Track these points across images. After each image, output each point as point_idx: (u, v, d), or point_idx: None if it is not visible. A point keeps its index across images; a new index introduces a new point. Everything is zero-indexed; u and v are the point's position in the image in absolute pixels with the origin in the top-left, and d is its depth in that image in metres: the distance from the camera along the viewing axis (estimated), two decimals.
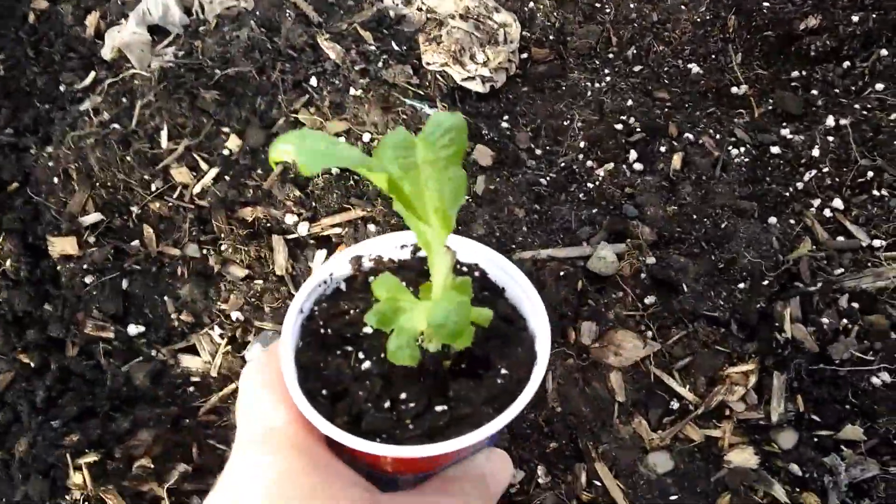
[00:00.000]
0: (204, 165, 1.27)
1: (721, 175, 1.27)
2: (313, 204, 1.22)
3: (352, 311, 0.64)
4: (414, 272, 0.67)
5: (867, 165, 1.27)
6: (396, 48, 1.46)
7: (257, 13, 1.47)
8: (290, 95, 1.33)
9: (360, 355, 0.62)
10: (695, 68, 1.42)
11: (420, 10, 1.54)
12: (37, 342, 1.11)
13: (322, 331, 0.63)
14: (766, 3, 1.43)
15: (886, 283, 1.15)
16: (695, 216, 1.22)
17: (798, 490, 1.01)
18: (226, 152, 1.28)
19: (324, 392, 0.59)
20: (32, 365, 1.08)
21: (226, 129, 1.30)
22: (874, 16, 1.38)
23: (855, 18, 1.39)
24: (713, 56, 1.42)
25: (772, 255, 1.17)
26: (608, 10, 1.53)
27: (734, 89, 1.38)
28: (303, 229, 1.20)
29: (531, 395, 0.57)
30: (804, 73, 1.39)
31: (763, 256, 1.16)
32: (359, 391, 0.59)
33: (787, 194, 1.26)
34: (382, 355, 0.60)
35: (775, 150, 1.30)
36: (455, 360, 0.63)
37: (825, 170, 1.27)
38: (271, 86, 1.34)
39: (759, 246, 1.17)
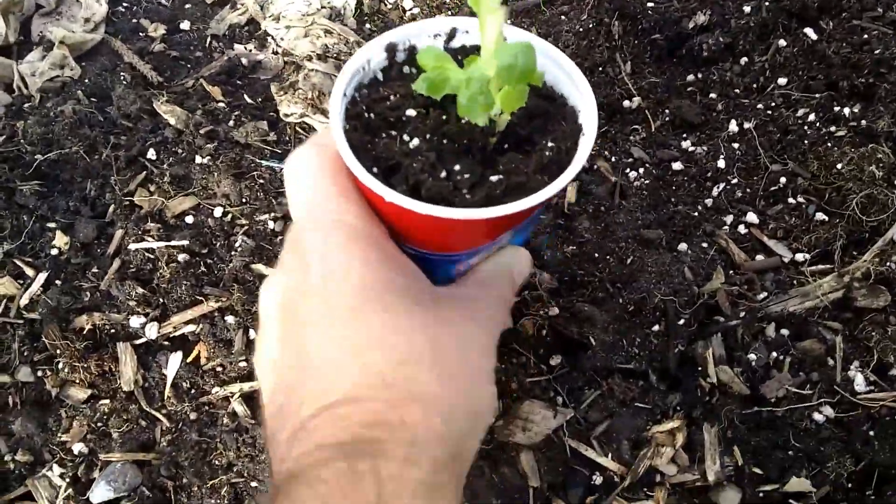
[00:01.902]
0: (30, 271, 1.13)
1: (621, 203, 1.17)
2: (160, 300, 1.10)
3: (392, 98, 0.70)
4: (457, 55, 0.72)
5: (779, 171, 1.18)
6: (250, 101, 1.34)
7: (86, 80, 1.35)
8: (125, 174, 1.21)
9: (406, 137, 0.67)
10: None
11: (276, 53, 1.42)
12: None
13: (366, 115, 0.69)
14: (650, 4, 1.34)
15: (815, 303, 1.06)
16: (596, 254, 1.11)
17: None
18: (54, 252, 1.15)
19: (375, 169, 0.62)
20: None
21: (51, 225, 1.17)
22: (766, 3, 1.30)
23: (746, 9, 1.31)
24: (600, 68, 1.33)
25: (686, 289, 1.07)
26: None
27: (626, 103, 1.28)
28: (151, 331, 1.08)
29: (582, 162, 0.64)
30: (700, 76, 1.30)
31: (676, 291, 1.06)
32: (412, 164, 0.64)
33: (696, 214, 1.16)
34: (429, 135, 0.67)
35: (677, 166, 1.21)
36: (500, 139, 0.68)
37: (734, 181, 1.19)
38: (102, 165, 1.21)
39: (670, 280, 1.08)
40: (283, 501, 0.52)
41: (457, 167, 0.66)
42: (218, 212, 1.17)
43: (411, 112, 0.70)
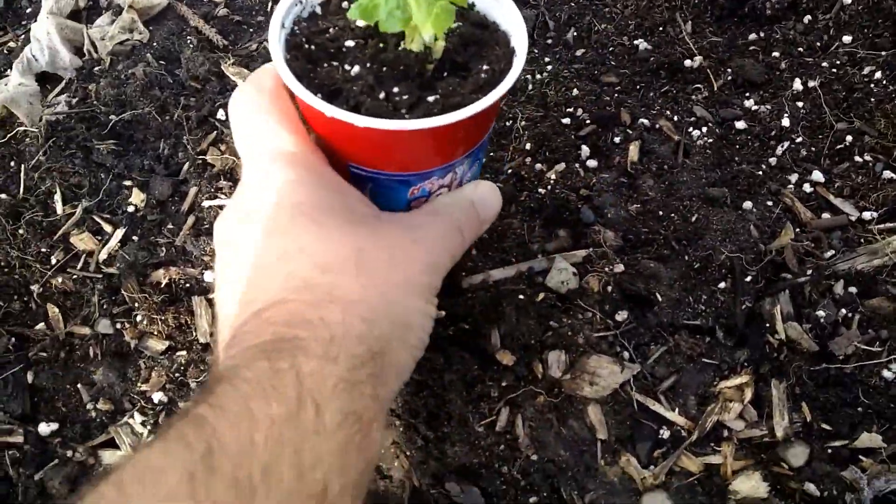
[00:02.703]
0: (108, 228, 1.13)
1: (684, 161, 1.14)
2: None
3: (331, 30, 0.73)
4: None
5: (844, 129, 1.14)
6: None
7: (154, 44, 1.33)
8: (196, 134, 1.19)
9: (346, 66, 0.70)
10: (642, 44, 1.28)
11: None
12: None
13: (306, 46, 0.71)
14: None
15: (884, 261, 1.02)
16: (661, 212, 1.08)
17: None
18: (130, 209, 1.14)
19: (318, 95, 0.65)
20: None
21: (127, 183, 1.16)
22: None
23: None
24: (661, 28, 1.29)
25: (752, 246, 1.04)
26: None
27: (688, 62, 1.24)
28: None
29: (515, 77, 0.67)
30: (762, 34, 1.25)
31: (742, 249, 1.03)
32: (353, 87, 0.66)
33: (760, 173, 1.12)
34: (369, 64, 0.69)
35: (741, 125, 1.17)
36: (437, 66, 0.71)
37: (799, 140, 1.14)
38: (174, 125, 1.20)
39: (736, 237, 1.05)
40: (207, 399, 0.52)
41: (395, 90, 0.69)
42: None
43: (350, 43, 0.72)
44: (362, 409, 0.56)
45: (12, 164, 1.19)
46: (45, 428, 1.00)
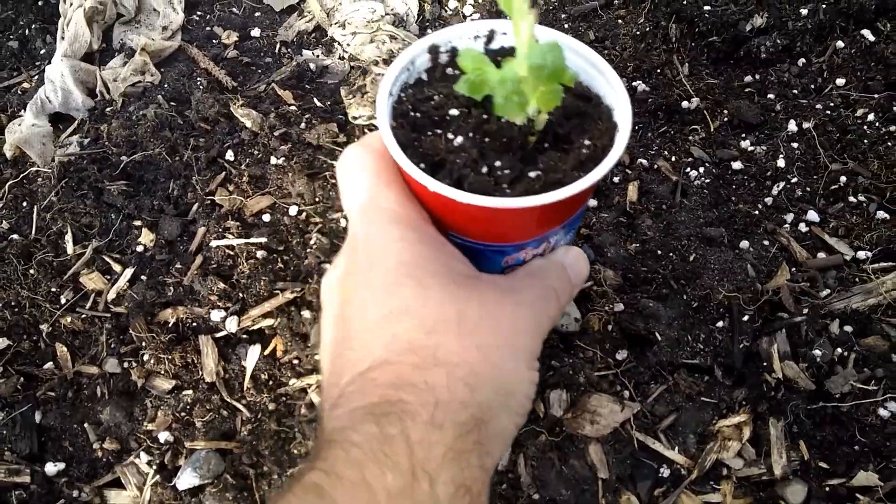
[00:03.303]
0: (117, 267, 1.13)
1: (682, 201, 1.14)
2: (240, 295, 1.09)
3: (436, 97, 0.71)
4: (496, 56, 0.74)
5: (838, 170, 1.14)
6: (319, 104, 1.32)
7: (165, 85, 1.34)
8: (205, 175, 1.20)
9: (450, 135, 0.68)
10: (641, 86, 1.29)
11: (342, 58, 1.41)
12: None
13: (412, 113, 0.70)
14: (706, 7, 1.30)
15: (879, 300, 1.02)
16: (659, 252, 1.08)
17: None
18: (139, 249, 1.14)
19: (421, 165, 0.64)
20: None
21: (137, 223, 1.16)
22: (824, 6, 1.26)
23: (804, 11, 1.27)
24: (658, 70, 1.29)
25: (749, 285, 1.04)
26: None
27: (685, 104, 1.25)
28: (231, 325, 1.07)
29: (618, 156, 0.64)
30: (758, 76, 1.26)
31: (740, 288, 1.03)
32: (456, 160, 0.65)
33: (757, 212, 1.13)
34: (471, 134, 0.68)
35: (737, 165, 1.17)
36: (539, 138, 0.69)
37: (794, 180, 1.15)
38: (184, 166, 1.21)
39: (733, 276, 1.04)
40: (319, 465, 0.52)
41: (497, 163, 0.67)
42: (293, 210, 1.16)
43: (454, 111, 0.71)
44: (471, 480, 0.55)
45: (24, 204, 1.20)
46: (51, 468, 1.00)
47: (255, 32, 1.49)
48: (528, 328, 0.65)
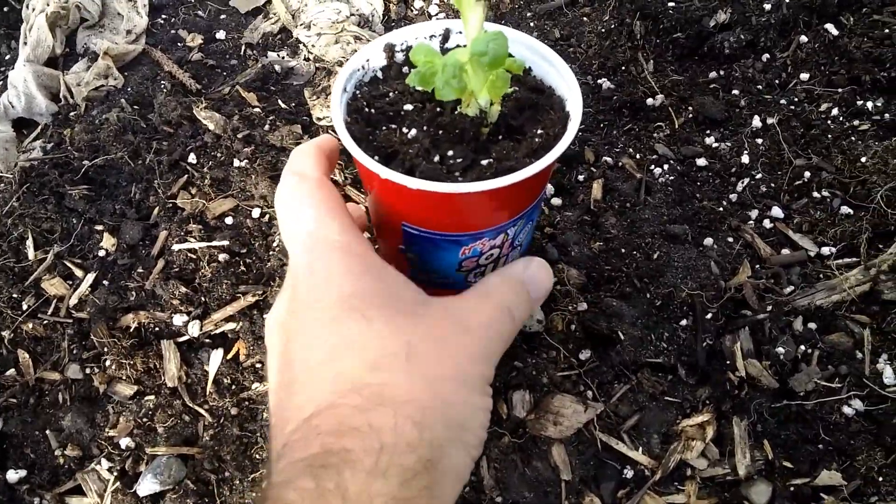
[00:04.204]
0: (79, 272, 1.10)
1: (646, 199, 1.12)
2: (202, 299, 1.06)
3: (391, 94, 0.74)
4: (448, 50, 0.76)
5: (803, 166, 1.12)
6: (284, 106, 1.30)
7: (129, 89, 1.31)
8: (167, 178, 1.17)
9: (404, 129, 0.71)
10: (606, 83, 1.26)
11: (307, 60, 1.38)
12: None
13: (366, 109, 0.73)
14: (670, 3, 1.28)
15: (842, 296, 1.00)
16: (623, 250, 1.06)
17: None
18: (101, 253, 1.12)
19: (375, 157, 0.65)
20: None
21: (99, 227, 1.14)
22: (787, 1, 1.24)
23: (767, 6, 1.24)
24: (623, 67, 1.27)
25: (712, 283, 1.02)
26: None
27: (650, 101, 1.23)
28: (194, 329, 1.04)
29: (569, 141, 0.66)
30: (722, 73, 1.24)
31: (703, 286, 1.01)
32: (409, 150, 0.67)
33: (721, 209, 1.11)
34: (425, 127, 0.69)
35: (701, 161, 1.15)
36: (493, 130, 0.71)
37: (758, 176, 1.13)
38: (146, 170, 1.18)
39: (696, 274, 1.02)
40: None
41: (450, 153, 0.68)
42: (256, 213, 1.13)
43: (408, 106, 0.73)
44: None
45: None
46: (13, 475, 0.97)
47: (221, 35, 1.46)
48: (480, 353, 0.62)
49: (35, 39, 1.33)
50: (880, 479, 0.89)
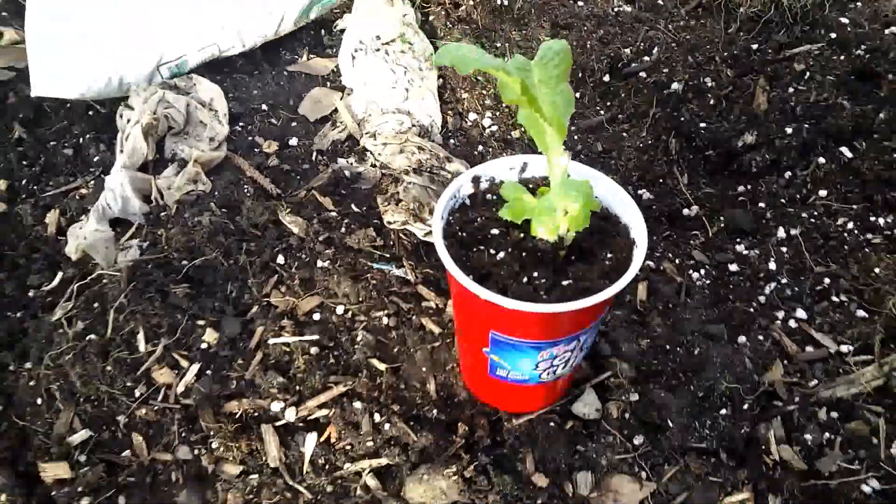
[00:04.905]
0: (184, 363, 1.32)
1: (686, 301, 1.35)
2: (297, 387, 1.28)
3: (478, 220, 0.94)
4: (528, 186, 0.97)
5: (822, 272, 1.36)
6: (356, 209, 1.54)
7: (216, 194, 1.55)
8: (260, 277, 1.40)
9: (492, 251, 0.90)
10: (646, 194, 1.52)
11: (374, 166, 1.63)
12: None
13: (459, 234, 0.92)
14: (702, 124, 1.54)
15: (860, 389, 1.23)
16: (668, 347, 1.29)
17: None
18: (204, 346, 1.34)
19: (470, 276, 0.83)
20: None
21: (201, 322, 1.36)
22: (807, 126, 1.50)
23: (789, 130, 1.51)
24: (661, 180, 1.52)
25: (747, 377, 1.24)
26: None
27: (685, 211, 1.48)
28: (290, 415, 1.26)
29: (636, 269, 0.85)
30: (749, 187, 1.49)
31: (739, 380, 1.24)
32: (500, 272, 0.85)
33: (752, 310, 1.34)
34: (510, 250, 0.88)
35: (733, 267, 1.39)
36: (567, 253, 0.89)
37: (784, 281, 1.37)
38: (239, 270, 1.41)
39: (733, 369, 1.25)
40: None
41: (535, 274, 0.89)
42: (340, 310, 1.36)
43: (495, 231, 0.95)
44: None
45: (96, 304, 1.39)
46: None
47: (293, 142, 1.71)
48: None
49: (131, 148, 1.58)
50: None
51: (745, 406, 1.22)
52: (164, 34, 1.72)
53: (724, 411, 1.22)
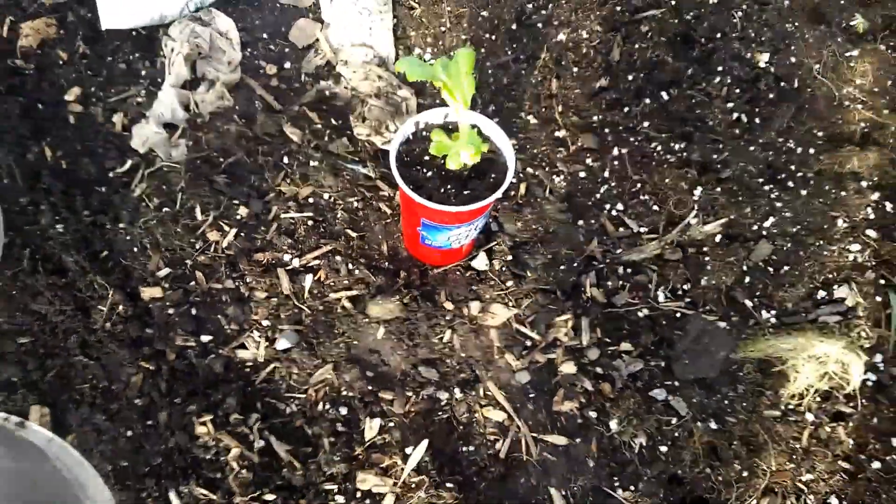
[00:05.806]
0: (227, 227, 2.05)
1: (548, 196, 2.11)
2: (300, 246, 2.03)
3: (416, 150, 1.63)
4: (449, 129, 1.60)
5: (637, 180, 2.12)
6: (335, 123, 2.24)
7: (237, 108, 2.24)
8: (273, 172, 2.12)
9: (424, 170, 1.60)
10: (532, 119, 2.25)
11: (346, 88, 2.32)
12: (149, 354, 1.91)
13: (405, 158, 1.61)
14: (574, 69, 2.25)
15: (646, 255, 2.03)
16: (533, 226, 2.06)
17: (599, 381, 1.91)
18: (239, 217, 2.07)
19: (410, 187, 1.52)
20: (151, 368, 1.89)
21: (236, 202, 2.08)
22: (641, 76, 2.22)
23: (630, 77, 2.23)
24: (544, 109, 2.25)
25: (579, 246, 2.03)
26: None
27: (557, 133, 2.22)
28: (296, 263, 2.01)
29: (507, 184, 1.53)
30: (601, 117, 2.22)
31: (573, 248, 2.03)
32: (429, 184, 1.56)
33: (589, 203, 2.10)
34: (436, 170, 1.59)
35: (582, 174, 2.14)
36: (468, 174, 1.58)
37: (612, 185, 2.13)
38: (258, 167, 2.13)
39: (571, 241, 2.03)
40: None
41: (448, 186, 1.62)
42: (326, 196, 2.09)
43: (427, 158, 1.67)
44: None
45: (164, 186, 2.10)
46: (204, 338, 1.96)
47: (287, 65, 2.37)
48: None
49: (176, 73, 2.24)
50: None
51: (575, 264, 2.01)
52: None
53: (562, 267, 2.01)
